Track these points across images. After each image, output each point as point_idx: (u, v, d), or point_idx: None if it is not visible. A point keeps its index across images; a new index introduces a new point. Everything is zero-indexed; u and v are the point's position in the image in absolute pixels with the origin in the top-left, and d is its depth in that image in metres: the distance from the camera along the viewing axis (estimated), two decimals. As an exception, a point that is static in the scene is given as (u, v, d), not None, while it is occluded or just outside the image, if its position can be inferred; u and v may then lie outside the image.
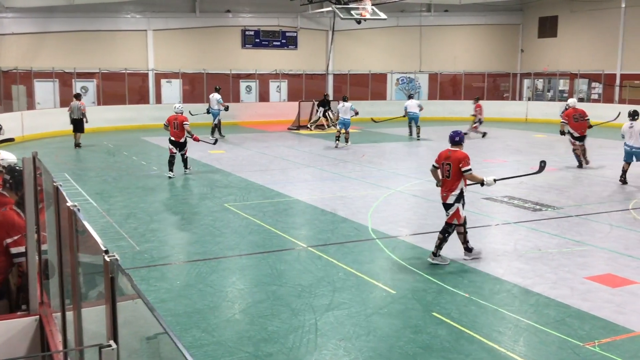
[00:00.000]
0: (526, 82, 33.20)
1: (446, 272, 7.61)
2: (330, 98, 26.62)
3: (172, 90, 27.84)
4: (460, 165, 7.82)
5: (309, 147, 20.03)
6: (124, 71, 26.52)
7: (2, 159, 6.03)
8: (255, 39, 29.23)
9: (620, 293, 6.88)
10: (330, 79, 31.02)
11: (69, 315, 3.32)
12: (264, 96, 29.76)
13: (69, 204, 3.06)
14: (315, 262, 8.04)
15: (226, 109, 22.70)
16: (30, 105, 24.42)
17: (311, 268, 7.83)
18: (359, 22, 24.28)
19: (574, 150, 15.83)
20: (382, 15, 23.95)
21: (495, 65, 32.97)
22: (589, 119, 15.63)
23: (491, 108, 30.81)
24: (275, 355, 5.42)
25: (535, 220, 10.17)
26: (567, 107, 16.34)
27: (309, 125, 25.46)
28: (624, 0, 28.10)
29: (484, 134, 22.87)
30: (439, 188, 8.19)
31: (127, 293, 2.24)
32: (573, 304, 6.53)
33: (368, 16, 23.39)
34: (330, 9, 24.67)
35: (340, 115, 20.08)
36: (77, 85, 25.45)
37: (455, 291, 6.94)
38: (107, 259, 2.18)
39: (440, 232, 8.06)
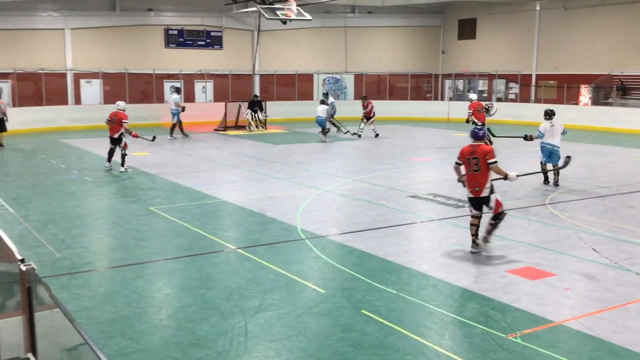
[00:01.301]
0: (447, 83, 34.17)
1: (374, 270, 7.71)
2: (259, 98, 26.45)
3: (92, 90, 26.99)
4: (487, 157, 8.14)
5: (236, 148, 19.87)
6: (41, 71, 25.50)
7: None
8: (179, 39, 28.74)
9: (539, 285, 7.17)
10: (257, 79, 30.89)
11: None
12: (189, 96, 29.29)
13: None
14: (245, 264, 7.97)
15: (183, 109, 22.48)
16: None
17: (240, 270, 7.76)
18: (284, 22, 24.30)
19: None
20: (307, 16, 24.05)
21: (418, 66, 33.77)
22: (488, 109, 19.15)
23: (414, 108, 31.61)
24: (204, 359, 5.33)
25: (459, 217, 10.46)
26: (471, 101, 19.84)
27: (247, 127, 25.16)
28: (539, 3, 29.37)
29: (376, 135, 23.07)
30: (459, 183, 8.66)
31: (46, 302, 2.14)
32: (495, 297, 6.75)
33: (293, 17, 23.43)
34: (255, 8, 24.57)
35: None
36: (-10, 86, 24.26)
37: (384, 288, 7.04)
38: (23, 268, 2.07)
39: (493, 219, 8.29)
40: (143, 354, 5.45)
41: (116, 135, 15.00)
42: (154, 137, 16.70)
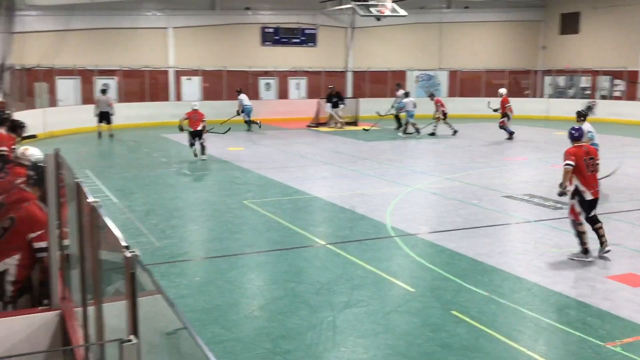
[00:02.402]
0: (547, 79, 32.86)
1: (465, 271, 7.57)
2: (336, 91, 26.02)
3: (192, 87, 27.99)
4: (598, 157, 8.02)
5: (328, 145, 20.02)
6: (145, 69, 26.71)
7: (29, 155, 6.12)
8: (275, 37, 29.27)
9: (642, 293, 6.79)
10: (350, 76, 30.97)
11: (90, 310, 3.36)
12: (283, 93, 29.80)
13: (90, 200, 3.09)
14: (334, 260, 8.04)
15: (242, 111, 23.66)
16: (52, 102, 24.70)
17: (330, 265, 7.83)
18: (378, 19, 24.19)
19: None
20: (402, 12, 23.85)
21: (516, 62, 32.67)
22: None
23: (512, 105, 30.59)
24: (293, 352, 5.43)
25: (556, 219, 10.07)
26: (501, 95, 21.16)
27: (334, 124, 25.24)
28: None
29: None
30: (563, 189, 7.99)
31: (147, 289, 2.26)
32: (594, 304, 6.46)
33: (387, 13, 23.30)
34: (349, 5, 24.62)
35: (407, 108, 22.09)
36: (99, 83, 25.71)
37: (475, 289, 6.90)
38: (128, 254, 2.19)
39: (600, 221, 7.96)
40: (235, 343, 5.63)
41: (199, 128, 16.27)
42: (228, 129, 17.68)
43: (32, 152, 6.15)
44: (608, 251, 7.95)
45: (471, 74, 32.42)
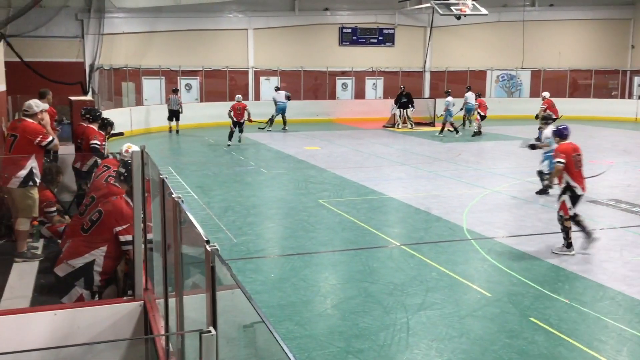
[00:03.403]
0: (637, 80, 31.32)
1: (545, 277, 7.34)
2: (406, 92, 25.77)
3: (270, 87, 28.45)
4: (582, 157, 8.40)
5: (403, 145, 19.87)
6: (226, 69, 27.34)
7: (128, 151, 6.36)
8: (352, 37, 29.29)
9: None
10: (427, 76, 30.61)
11: (171, 301, 3.48)
12: (359, 93, 29.79)
13: (174, 195, 3.21)
14: (408, 261, 7.98)
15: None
16: (139, 101, 25.70)
17: (404, 266, 7.78)
18: (458, 18, 23.78)
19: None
20: (483, 11, 23.35)
21: (604, 62, 31.32)
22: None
23: (598, 106, 29.37)
24: (366, 352, 5.44)
25: (644, 226, 9.61)
26: (544, 98, 20.04)
27: (408, 125, 25.11)
28: None
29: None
30: (552, 184, 8.91)
31: (225, 283, 2.33)
32: (684, 316, 6.12)
33: (468, 12, 22.88)
34: (428, 5, 24.32)
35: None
36: (182, 83, 26.56)
37: (555, 297, 6.68)
38: (209, 249, 2.27)
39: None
40: (308, 340, 5.69)
41: (242, 120, 19.57)
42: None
43: (134, 148, 6.40)
44: (595, 239, 8.24)
45: (555, 74, 31.33)
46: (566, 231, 8.20)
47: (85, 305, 4.68)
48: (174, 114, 22.76)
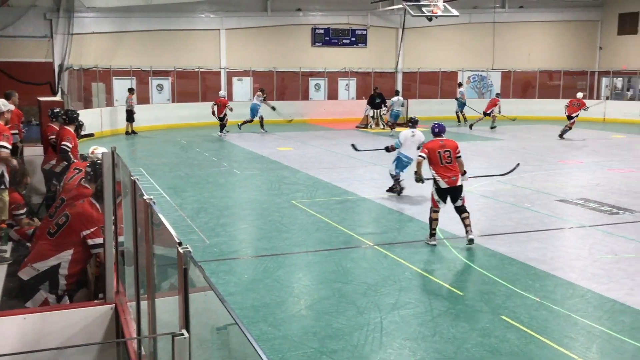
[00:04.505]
0: (604, 81, 31.95)
1: (516, 275, 7.43)
2: (379, 91, 26.06)
3: (242, 88, 28.34)
4: (458, 151, 8.73)
5: (377, 146, 19.92)
6: (198, 69, 27.17)
7: (97, 154, 6.28)
8: (325, 37, 29.34)
9: (703, 303, 6.54)
10: (400, 77, 30.80)
11: (143, 304, 3.45)
12: (332, 94, 29.84)
13: (146, 197, 3.17)
14: (382, 261, 8.02)
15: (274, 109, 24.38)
16: (109, 102, 25.40)
17: (377, 267, 7.81)
18: (430, 19, 23.98)
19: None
20: (454, 12, 23.58)
21: (572, 63, 31.86)
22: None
23: (562, 107, 29.82)
24: (340, 352, 5.45)
25: (612, 224, 9.79)
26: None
27: (366, 125, 25.32)
28: None
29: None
30: (422, 181, 9.19)
31: (198, 285, 2.31)
32: (651, 312, 6.25)
33: (440, 13, 23.08)
34: (400, 6, 24.48)
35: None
36: (154, 83, 26.33)
37: (526, 295, 6.77)
38: (181, 250, 2.25)
39: (466, 212, 8.61)
40: (282, 341, 5.68)
41: (222, 115, 21.40)
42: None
43: (102, 149, 6.31)
44: (471, 239, 8.48)
45: (525, 75, 31.78)
46: (430, 222, 8.66)
47: (55, 309, 4.60)
48: (128, 115, 22.51)
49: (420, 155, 8.99)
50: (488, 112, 23.94)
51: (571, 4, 31.14)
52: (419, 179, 9.15)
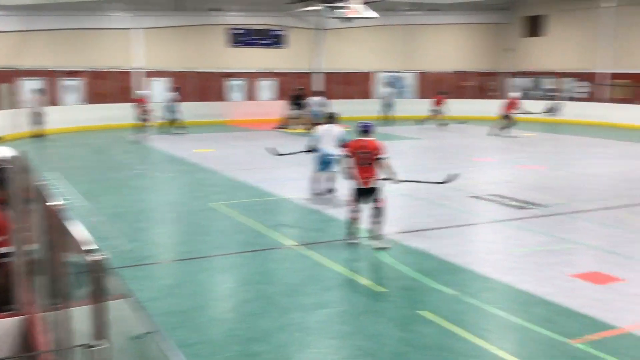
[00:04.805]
0: (513, 81, 33.39)
1: (434, 271, 7.63)
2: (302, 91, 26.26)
3: (157, 88, 27.72)
4: (378, 153, 8.46)
5: (298, 146, 19.97)
6: (110, 69, 26.35)
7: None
8: (244, 38, 29.17)
9: (606, 290, 6.94)
10: (319, 77, 31.02)
11: (57, 315, 3.29)
12: (251, 95, 29.69)
13: (56, 202, 3.04)
14: (304, 261, 8.03)
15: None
16: (15, 103, 24.20)
17: (300, 267, 7.82)
18: (347, 20, 24.29)
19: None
20: (372, 14, 23.98)
21: (483, 64, 33.13)
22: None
23: (479, 107, 30.99)
24: (263, 354, 5.41)
25: (523, 219, 10.23)
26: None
27: (283, 125, 25.35)
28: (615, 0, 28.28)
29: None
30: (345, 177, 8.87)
31: (115, 292, 2.23)
32: (560, 302, 6.57)
33: (357, 15, 23.41)
34: (319, 7, 24.67)
35: None
36: (64, 84, 25.33)
37: (444, 289, 6.96)
38: (95, 257, 2.16)
39: (379, 216, 8.51)
40: (205, 346, 5.58)
41: (142, 116, 20.94)
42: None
43: (5, 153, 5.98)
44: (378, 248, 8.42)
45: (439, 76, 32.74)
46: (349, 221, 8.70)
47: (-42, 323, 4.32)
48: (35, 117, 21.64)
49: (343, 155, 8.93)
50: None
51: (482, 7, 32.34)
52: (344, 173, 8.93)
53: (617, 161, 16.79)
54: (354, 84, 31.50)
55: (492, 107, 30.21)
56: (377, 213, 8.55)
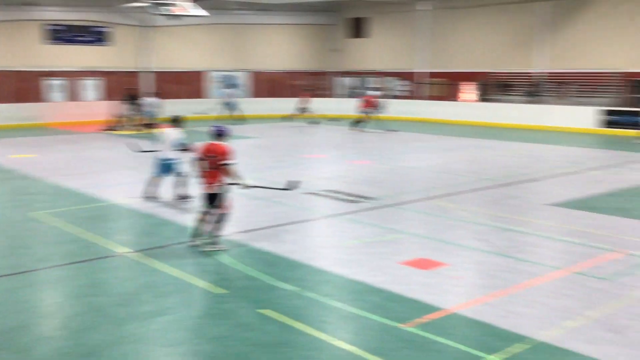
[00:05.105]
0: (341, 81, 34.72)
1: (273, 268, 7.69)
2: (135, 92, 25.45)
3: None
4: (224, 158, 8.17)
5: (126, 148, 19.16)
6: None
7: None
8: (63, 34, 27.39)
9: (432, 275, 7.43)
10: (149, 77, 29.98)
11: None
12: (74, 95, 27.95)
13: None
14: (139, 268, 7.70)
15: None
16: None
17: (134, 275, 7.49)
18: (175, 18, 23.70)
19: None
20: (202, 12, 23.62)
21: (313, 64, 34.08)
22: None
23: (309, 105, 31.81)
24: (97, 370, 5.10)
25: (355, 212, 10.65)
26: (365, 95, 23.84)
27: (118, 127, 24.30)
28: (431, 3, 30.40)
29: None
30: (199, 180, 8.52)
31: None
32: (392, 289, 6.93)
33: (185, 13, 22.94)
34: (145, 4, 23.82)
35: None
36: None
37: (284, 286, 7.03)
38: None
39: (220, 221, 8.37)
40: (29, 368, 5.13)
41: None
42: None
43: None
44: (207, 251, 8.29)
45: (271, 75, 33.15)
46: (196, 222, 8.56)
47: None
48: None
49: (195, 157, 8.61)
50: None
51: (311, 8, 33.23)
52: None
53: (436, 154, 18.11)
54: (185, 83, 30.88)
55: (322, 105, 31.26)
56: (219, 218, 8.41)
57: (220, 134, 8.48)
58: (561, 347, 5.47)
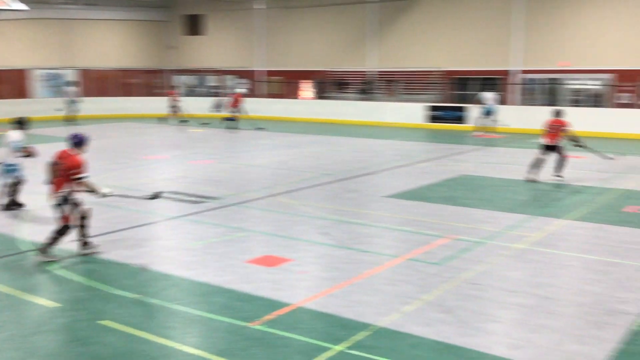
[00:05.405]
0: (179, 79, 33.97)
1: (112, 276, 7.33)
2: None
3: None
4: (75, 171, 7.75)
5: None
6: None
7: None
8: None
9: (277, 271, 7.51)
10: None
11: None
12: None
13: None
14: (-43, 287, 6.97)
15: None
16: None
17: (-48, 294, 6.76)
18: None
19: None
20: (21, 6, 21.90)
21: (148, 62, 33.00)
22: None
23: (144, 104, 30.77)
24: None
25: (198, 213, 10.47)
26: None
27: None
28: (265, 2, 30.66)
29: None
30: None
31: None
32: (238, 288, 6.90)
33: (4, 7, 21.13)
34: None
35: None
36: None
37: (124, 294, 6.73)
38: None
39: (55, 232, 7.83)
40: None
41: None
42: None
43: None
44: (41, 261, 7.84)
45: (103, 73, 31.58)
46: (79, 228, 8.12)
47: None
48: None
49: (49, 161, 8.02)
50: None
51: (141, 3, 32.11)
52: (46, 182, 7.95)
53: (278, 151, 18.35)
54: (5, 82, 28.46)
55: (158, 104, 30.37)
56: (58, 229, 7.85)
57: (77, 143, 7.95)
58: (400, 331, 5.78)
